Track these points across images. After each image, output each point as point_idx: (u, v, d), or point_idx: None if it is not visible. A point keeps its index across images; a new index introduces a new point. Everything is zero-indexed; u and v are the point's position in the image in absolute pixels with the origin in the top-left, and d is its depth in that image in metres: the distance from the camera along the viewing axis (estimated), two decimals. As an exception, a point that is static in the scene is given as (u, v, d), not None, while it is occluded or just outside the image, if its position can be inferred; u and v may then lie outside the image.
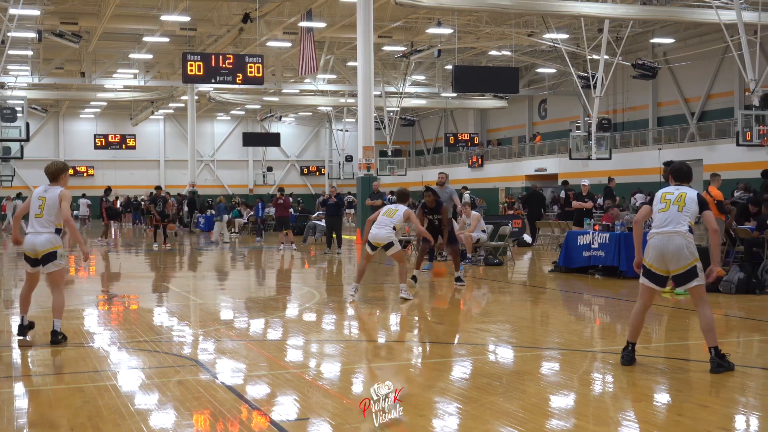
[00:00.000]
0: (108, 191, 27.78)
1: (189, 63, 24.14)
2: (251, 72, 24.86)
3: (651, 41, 37.46)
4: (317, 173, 62.55)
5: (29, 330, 8.54)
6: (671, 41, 36.94)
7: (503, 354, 8.08)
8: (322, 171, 62.59)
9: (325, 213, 22.07)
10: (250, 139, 53.00)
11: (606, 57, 30.83)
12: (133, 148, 51.52)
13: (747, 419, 5.70)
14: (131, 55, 38.25)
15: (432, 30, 32.03)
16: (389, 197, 24.08)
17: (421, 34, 34.10)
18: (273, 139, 53.87)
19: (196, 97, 45.62)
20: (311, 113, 60.39)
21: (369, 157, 24.76)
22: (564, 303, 12.14)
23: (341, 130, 60.64)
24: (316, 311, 10.95)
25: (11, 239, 9.03)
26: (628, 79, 39.47)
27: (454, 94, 43.36)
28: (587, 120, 32.65)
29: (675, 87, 38.99)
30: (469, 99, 47.38)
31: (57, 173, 8.35)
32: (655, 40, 36.99)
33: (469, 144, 49.25)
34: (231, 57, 25.10)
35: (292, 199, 30.68)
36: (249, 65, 24.89)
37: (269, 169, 61.19)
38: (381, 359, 8.00)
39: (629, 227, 14.28)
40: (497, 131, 54.27)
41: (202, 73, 24.42)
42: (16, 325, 8.74)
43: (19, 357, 7.88)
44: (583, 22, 29.29)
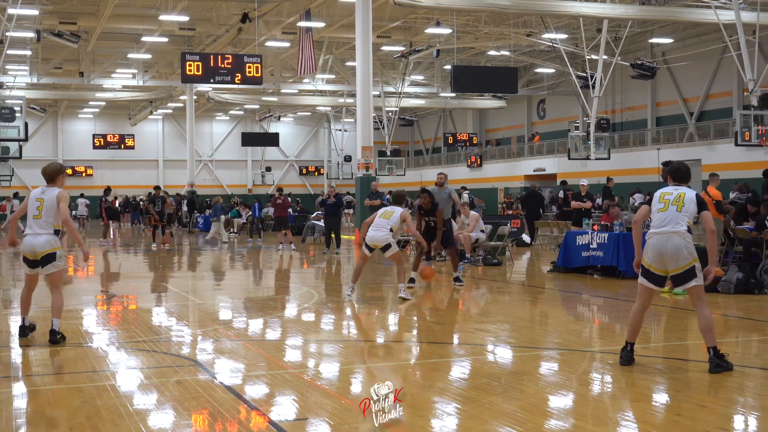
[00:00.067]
0: (107, 191, 27.75)
1: (188, 63, 24.14)
2: (250, 72, 24.87)
3: (650, 41, 37.46)
4: (316, 173, 62.54)
5: (31, 332, 8.57)
6: (670, 41, 36.94)
7: (502, 354, 8.08)
8: (320, 171, 62.59)
9: (324, 213, 22.07)
10: (248, 139, 52.98)
11: (605, 57, 30.81)
12: (132, 148, 51.55)
13: (746, 419, 5.70)
14: (130, 55, 38.24)
15: (431, 30, 32.03)
16: (388, 197, 24.05)
17: (420, 34, 34.10)
18: (272, 139, 53.82)
19: (194, 97, 45.55)
20: (310, 113, 60.36)
21: (368, 157, 24.74)
22: (563, 303, 12.15)
23: (340, 130, 60.61)
24: (314, 311, 10.95)
25: (8, 241, 9.04)
26: (626, 79, 39.47)
27: (452, 94, 43.32)
28: (586, 120, 32.64)
29: (674, 87, 39.01)
30: (468, 99, 47.35)
31: (54, 174, 8.36)
32: (654, 40, 36.99)
33: (468, 144, 49.19)
34: (230, 57, 25.11)
35: (290, 199, 30.67)
36: (248, 65, 24.89)
37: (268, 169, 61.15)
38: (380, 359, 8.00)
39: (628, 227, 14.28)
40: (496, 131, 54.26)
41: (200, 73, 24.42)
42: (15, 326, 8.76)
43: (18, 357, 7.88)
44: (582, 22, 29.28)
